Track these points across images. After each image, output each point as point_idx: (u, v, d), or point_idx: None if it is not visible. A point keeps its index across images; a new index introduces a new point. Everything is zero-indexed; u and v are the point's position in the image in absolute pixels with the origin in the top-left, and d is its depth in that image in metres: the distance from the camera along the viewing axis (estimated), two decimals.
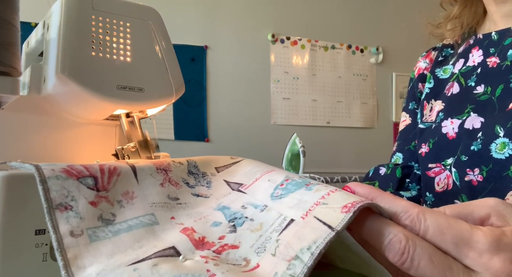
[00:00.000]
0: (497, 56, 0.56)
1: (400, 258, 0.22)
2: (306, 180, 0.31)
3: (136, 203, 0.34)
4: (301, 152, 1.63)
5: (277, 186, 0.33)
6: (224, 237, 0.31)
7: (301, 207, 0.27)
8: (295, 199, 0.29)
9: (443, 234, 0.23)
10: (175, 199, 0.36)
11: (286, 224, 0.27)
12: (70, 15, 0.46)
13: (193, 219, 0.34)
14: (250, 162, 0.42)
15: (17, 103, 0.48)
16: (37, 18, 1.86)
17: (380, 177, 0.66)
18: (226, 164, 0.43)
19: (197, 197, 0.38)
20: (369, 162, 2.49)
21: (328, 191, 0.27)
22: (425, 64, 0.69)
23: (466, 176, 0.53)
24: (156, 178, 0.37)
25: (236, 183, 0.39)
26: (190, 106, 2.43)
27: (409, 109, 0.70)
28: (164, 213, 0.34)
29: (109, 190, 0.33)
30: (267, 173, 0.37)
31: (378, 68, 2.88)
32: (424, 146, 0.61)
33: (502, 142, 0.50)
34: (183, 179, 0.39)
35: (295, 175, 0.33)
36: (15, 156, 0.49)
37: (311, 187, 0.29)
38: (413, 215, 0.24)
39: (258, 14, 2.61)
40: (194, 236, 0.31)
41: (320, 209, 0.25)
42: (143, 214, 0.33)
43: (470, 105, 0.56)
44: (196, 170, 0.41)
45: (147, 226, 0.32)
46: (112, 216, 0.32)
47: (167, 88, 0.51)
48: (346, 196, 0.25)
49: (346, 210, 0.23)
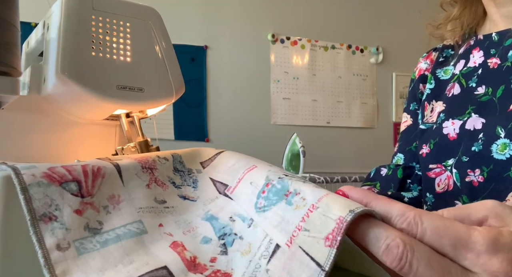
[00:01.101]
0: (498, 57, 0.56)
1: (398, 263, 0.22)
2: (285, 184, 0.30)
3: (123, 208, 0.33)
4: (301, 152, 1.63)
5: (259, 193, 0.32)
6: (215, 259, 0.30)
7: (284, 229, 0.27)
8: (278, 215, 0.28)
9: (440, 237, 0.23)
10: (162, 202, 0.36)
11: (272, 250, 0.27)
12: (70, 15, 0.45)
13: (182, 230, 0.33)
14: (231, 154, 0.41)
15: (17, 103, 0.48)
16: (37, 18, 1.86)
17: (381, 178, 0.66)
18: (210, 157, 0.42)
19: (184, 200, 0.37)
20: (369, 162, 2.50)
21: (306, 211, 0.26)
22: (426, 65, 0.69)
23: (466, 177, 0.53)
24: (142, 178, 0.36)
25: (222, 184, 0.38)
26: (190, 106, 2.43)
27: (410, 109, 0.70)
28: (152, 220, 0.33)
29: (94, 195, 0.32)
30: (248, 171, 0.36)
31: (378, 68, 2.88)
32: (425, 146, 0.60)
33: (503, 143, 0.50)
34: (169, 178, 0.38)
35: (275, 173, 0.32)
36: (15, 156, 0.49)
37: (290, 200, 0.28)
38: (409, 219, 0.24)
39: (258, 14, 2.61)
40: (186, 255, 0.30)
41: (303, 238, 0.25)
42: (130, 221, 0.32)
43: (471, 106, 0.56)
44: (181, 166, 0.41)
45: (136, 236, 0.31)
46: (99, 224, 0.31)
47: (167, 88, 0.51)
48: (325, 218, 0.24)
49: (329, 244, 0.23)
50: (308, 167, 1.66)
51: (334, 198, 0.25)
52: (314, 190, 0.27)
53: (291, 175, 0.32)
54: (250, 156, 0.40)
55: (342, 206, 0.24)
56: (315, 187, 0.28)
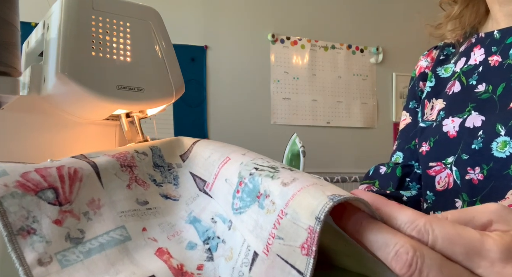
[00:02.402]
0: (499, 54, 0.56)
1: (408, 270, 0.21)
2: (255, 183, 0.29)
3: (104, 213, 0.32)
4: (301, 152, 1.63)
5: (234, 192, 0.31)
6: (202, 267, 0.30)
7: (259, 236, 0.26)
8: (252, 219, 0.28)
9: (453, 245, 0.22)
10: (144, 203, 0.35)
11: (251, 258, 0.26)
12: (70, 15, 0.46)
13: (166, 234, 0.33)
14: (207, 144, 0.40)
15: (17, 103, 0.48)
16: (37, 18, 1.86)
17: (380, 176, 0.66)
18: (188, 148, 0.41)
19: (166, 199, 0.36)
20: (369, 162, 2.49)
21: (277, 217, 0.25)
22: (427, 63, 0.69)
23: (466, 175, 0.53)
24: (121, 178, 0.35)
25: (201, 179, 0.37)
26: (190, 106, 2.43)
27: (410, 108, 0.70)
28: (135, 224, 0.32)
29: (72, 201, 0.31)
30: (223, 165, 0.35)
31: (378, 68, 2.88)
32: (425, 144, 0.60)
33: (503, 140, 0.50)
34: (150, 176, 0.37)
35: (246, 167, 0.31)
36: (15, 156, 0.49)
37: (262, 203, 0.27)
38: (420, 226, 0.23)
39: (258, 14, 2.61)
40: (172, 262, 0.29)
41: (279, 246, 0.24)
42: (113, 228, 0.31)
43: (471, 104, 0.56)
44: (161, 161, 0.39)
45: (120, 244, 0.30)
46: (80, 233, 0.29)
47: (167, 88, 0.51)
48: (296, 226, 0.24)
49: (306, 253, 0.23)
50: (308, 167, 1.66)
51: (300, 201, 0.24)
52: (282, 190, 0.26)
53: (261, 167, 0.30)
54: (224, 144, 0.39)
55: (308, 212, 0.23)
56: (282, 184, 0.27)
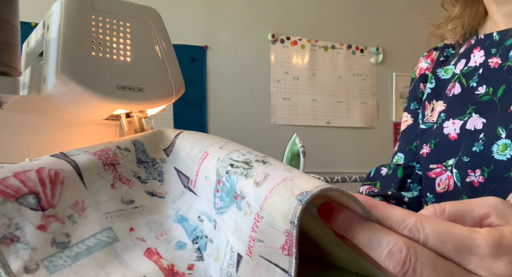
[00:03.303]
0: (499, 56, 0.56)
1: (402, 268, 0.22)
2: (232, 182, 0.28)
3: (89, 215, 0.31)
4: (301, 152, 1.63)
5: (215, 192, 0.31)
6: (193, 266, 0.30)
7: (241, 238, 0.26)
8: (232, 220, 0.27)
9: (443, 242, 0.22)
10: (130, 202, 0.34)
11: (236, 260, 0.26)
12: (70, 15, 0.45)
13: (154, 234, 0.32)
14: (187, 137, 0.39)
15: (17, 103, 0.48)
16: (37, 18, 1.86)
17: (381, 178, 0.66)
18: (171, 141, 0.40)
19: (152, 197, 0.36)
20: (369, 162, 2.49)
21: (254, 220, 0.25)
22: (427, 64, 0.69)
23: (467, 177, 0.53)
24: (105, 177, 0.34)
25: (184, 176, 0.37)
26: (190, 106, 2.43)
27: (411, 109, 0.70)
28: (122, 224, 0.32)
29: (55, 205, 0.30)
30: (202, 161, 0.34)
31: (378, 68, 2.88)
32: (425, 146, 0.60)
33: (504, 143, 0.49)
34: (134, 173, 0.36)
35: (223, 164, 0.31)
36: (15, 156, 0.49)
37: (239, 205, 0.27)
38: (411, 225, 0.23)
39: (258, 14, 2.61)
40: (163, 263, 0.29)
41: (260, 248, 0.24)
42: (100, 230, 0.30)
43: (472, 106, 0.56)
44: (145, 156, 0.38)
45: (108, 246, 0.29)
46: (66, 237, 0.28)
47: (167, 88, 0.51)
48: (273, 230, 0.24)
49: (287, 253, 0.23)
50: (308, 167, 1.66)
51: (272, 204, 0.24)
52: (255, 191, 0.26)
53: (236, 163, 0.30)
54: (205, 136, 0.38)
55: (281, 216, 0.23)
56: (255, 184, 0.26)
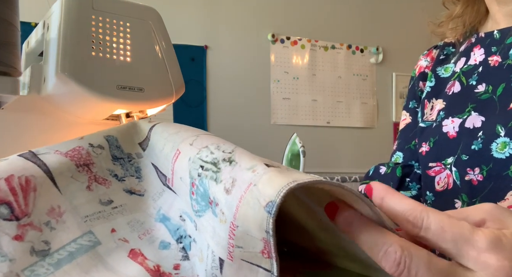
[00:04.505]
0: (499, 55, 0.56)
1: (397, 269, 0.22)
2: (205, 187, 0.28)
3: (67, 220, 0.30)
4: (301, 152, 1.63)
5: (190, 194, 0.30)
6: (179, 266, 0.29)
7: (220, 244, 0.26)
8: (210, 226, 0.27)
9: (444, 232, 0.23)
10: (109, 202, 0.33)
11: (219, 263, 0.26)
12: (70, 15, 0.46)
13: (137, 234, 0.31)
14: (161, 131, 0.37)
15: (17, 103, 0.48)
16: (37, 18, 1.86)
17: (380, 176, 0.66)
18: (146, 135, 0.39)
19: (131, 195, 0.34)
20: (369, 162, 2.49)
21: (229, 229, 0.24)
22: (426, 62, 0.69)
23: (466, 176, 0.53)
24: (79, 180, 0.32)
25: (162, 173, 0.35)
26: (190, 106, 2.43)
27: (410, 108, 0.70)
28: (103, 226, 0.31)
29: (30, 213, 0.28)
30: (175, 160, 0.32)
31: (378, 68, 2.88)
32: (425, 145, 0.60)
33: (503, 141, 0.50)
34: (110, 171, 0.35)
35: (194, 165, 0.30)
36: None
37: (214, 211, 0.26)
38: (416, 212, 0.24)
39: (258, 14, 2.61)
40: (148, 264, 0.29)
41: (240, 253, 0.24)
42: (80, 234, 0.29)
43: (471, 104, 0.56)
44: (120, 152, 0.37)
45: (90, 250, 0.28)
46: (45, 244, 0.27)
47: (167, 88, 0.51)
48: (250, 237, 0.23)
49: (267, 256, 0.23)
50: (308, 167, 1.66)
51: (244, 214, 0.23)
52: (226, 199, 0.25)
53: (205, 165, 0.29)
54: (177, 129, 0.36)
55: (256, 225, 0.23)
56: (225, 192, 0.25)
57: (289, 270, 0.31)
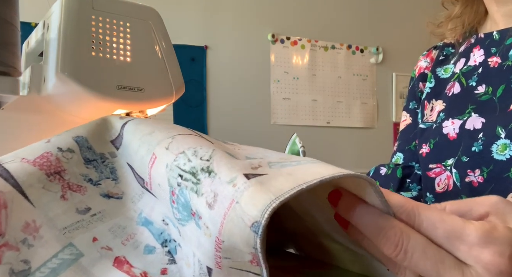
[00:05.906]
0: (499, 56, 0.56)
1: (394, 250, 0.23)
2: (186, 198, 0.26)
3: (45, 234, 0.28)
4: (301, 152, 1.63)
5: (171, 202, 0.28)
6: (166, 270, 0.29)
7: (206, 254, 0.25)
8: (195, 236, 0.26)
9: (435, 228, 0.23)
10: (86, 210, 0.31)
11: (207, 271, 0.25)
12: (70, 15, 0.45)
13: (120, 240, 0.30)
14: (133, 130, 0.35)
15: (17, 103, 0.48)
16: (37, 18, 1.86)
17: (380, 177, 0.66)
18: (118, 132, 0.37)
19: (109, 199, 0.33)
20: (369, 162, 2.49)
21: (215, 243, 0.23)
22: (426, 63, 0.69)
23: (466, 177, 0.53)
24: (52, 190, 0.30)
25: (139, 176, 0.33)
26: (190, 106, 2.43)
27: (410, 108, 0.70)
28: (83, 236, 0.29)
29: (4, 233, 0.26)
30: (151, 166, 0.31)
31: (378, 68, 2.88)
32: (425, 146, 0.60)
33: (503, 143, 0.49)
34: (84, 176, 0.33)
35: (172, 173, 0.28)
36: None
37: (198, 223, 0.25)
38: (408, 210, 0.24)
39: (258, 14, 2.61)
40: (135, 272, 0.28)
41: (230, 263, 0.24)
42: (60, 248, 0.27)
43: (471, 105, 0.56)
44: (91, 153, 0.34)
45: (73, 263, 0.27)
46: (25, 264, 0.26)
47: (167, 88, 0.51)
48: (238, 250, 0.23)
49: (256, 264, 0.23)
50: None
51: (230, 231, 0.22)
52: (210, 214, 0.24)
53: (184, 174, 0.27)
54: (151, 129, 0.34)
55: (243, 242, 0.22)
56: (208, 206, 0.24)
57: (289, 270, 0.31)
